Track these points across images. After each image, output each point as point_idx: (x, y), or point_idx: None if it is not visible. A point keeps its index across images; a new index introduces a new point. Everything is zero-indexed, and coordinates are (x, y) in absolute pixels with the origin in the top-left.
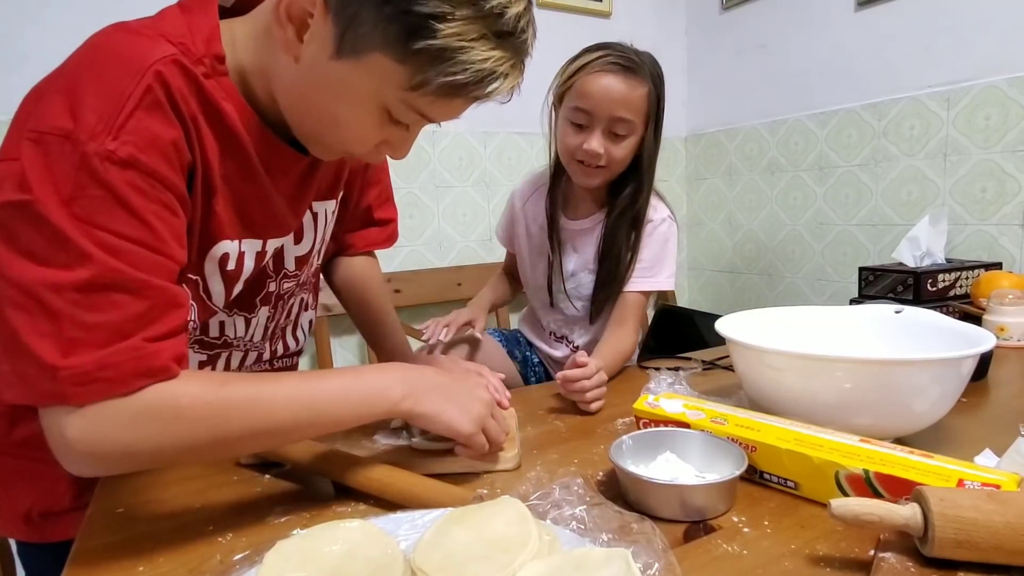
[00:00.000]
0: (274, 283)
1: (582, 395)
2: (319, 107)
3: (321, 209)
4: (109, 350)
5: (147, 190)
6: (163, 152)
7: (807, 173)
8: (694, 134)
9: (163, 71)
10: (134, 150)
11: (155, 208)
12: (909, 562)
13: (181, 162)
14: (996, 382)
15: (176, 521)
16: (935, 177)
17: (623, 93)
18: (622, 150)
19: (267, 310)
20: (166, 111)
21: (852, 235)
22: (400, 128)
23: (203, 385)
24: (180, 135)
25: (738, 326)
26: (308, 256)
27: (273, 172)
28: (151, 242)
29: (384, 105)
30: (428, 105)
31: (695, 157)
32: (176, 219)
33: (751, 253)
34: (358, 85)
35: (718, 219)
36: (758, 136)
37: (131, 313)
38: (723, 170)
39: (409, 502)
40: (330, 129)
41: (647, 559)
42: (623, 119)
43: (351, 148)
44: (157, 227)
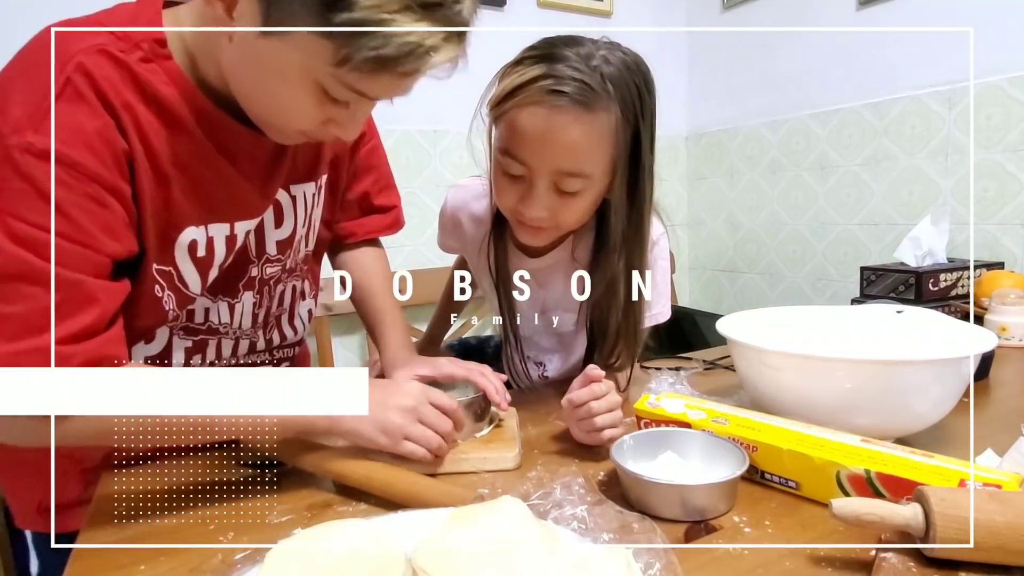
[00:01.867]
0: (256, 268)
1: (591, 421)
2: (258, 86)
3: (300, 192)
4: (19, 345)
5: (70, 182)
6: (87, 143)
7: (808, 172)
8: (695, 133)
9: (85, 61)
10: (58, 144)
11: (79, 200)
12: (910, 562)
13: (112, 152)
14: (998, 382)
15: (177, 520)
16: (936, 177)
17: (571, 139)
18: (575, 210)
19: (252, 295)
20: (90, 101)
21: (853, 235)
22: (341, 106)
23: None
24: (108, 124)
25: (739, 326)
26: (291, 240)
27: (232, 154)
28: (73, 234)
29: (318, 82)
30: (359, 81)
31: (696, 157)
32: (105, 211)
33: (752, 253)
34: (288, 62)
35: (719, 219)
36: (759, 135)
37: (41, 306)
38: (724, 170)
39: (410, 502)
40: (272, 109)
41: (648, 559)
42: (571, 173)
43: (296, 127)
44: (79, 219)
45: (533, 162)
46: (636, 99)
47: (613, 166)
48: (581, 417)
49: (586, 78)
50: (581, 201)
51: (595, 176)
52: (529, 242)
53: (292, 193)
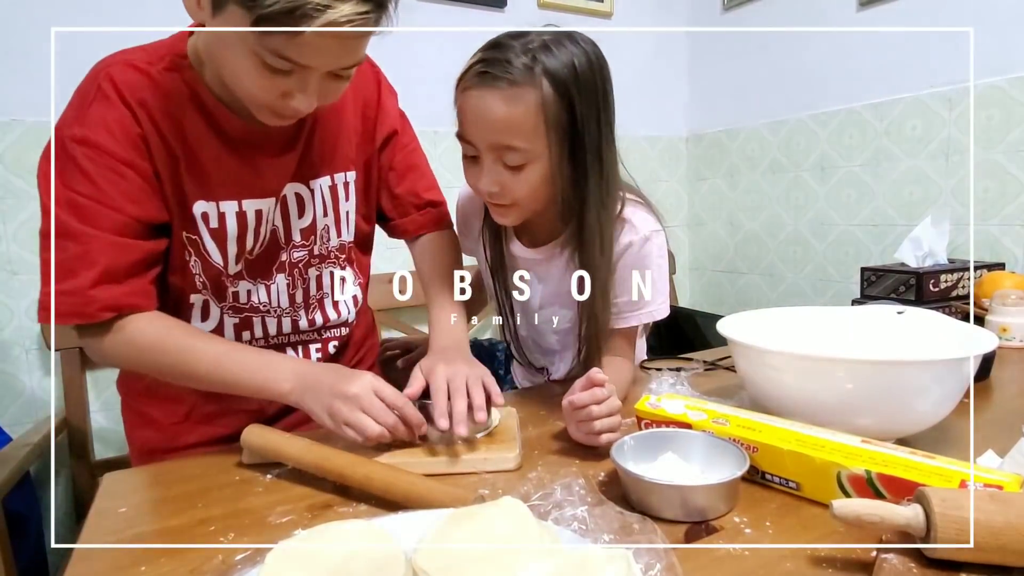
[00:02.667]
0: (286, 253)
1: (589, 424)
2: (220, 64)
3: (316, 185)
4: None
5: (94, 158)
6: (108, 129)
7: (809, 173)
8: (695, 134)
9: (111, 71)
10: (87, 131)
11: (101, 171)
12: (911, 563)
13: (127, 135)
14: (998, 383)
15: (178, 521)
16: (937, 177)
17: (499, 114)
18: (523, 184)
19: (284, 277)
20: (111, 99)
21: (854, 235)
22: (286, 77)
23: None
24: (125, 115)
25: (740, 326)
26: (312, 228)
27: (233, 140)
28: (99, 197)
29: (256, 54)
30: (282, 47)
31: (696, 157)
32: (122, 180)
33: (753, 253)
34: (228, 36)
35: (720, 219)
36: (759, 136)
37: (72, 254)
38: (725, 170)
39: (411, 502)
40: (237, 86)
41: (649, 559)
42: (509, 147)
43: (258, 101)
44: (104, 186)
45: (476, 139)
46: (571, 80)
47: (549, 140)
48: (580, 419)
49: (514, 59)
50: (528, 175)
51: (533, 150)
52: (501, 221)
53: (311, 187)
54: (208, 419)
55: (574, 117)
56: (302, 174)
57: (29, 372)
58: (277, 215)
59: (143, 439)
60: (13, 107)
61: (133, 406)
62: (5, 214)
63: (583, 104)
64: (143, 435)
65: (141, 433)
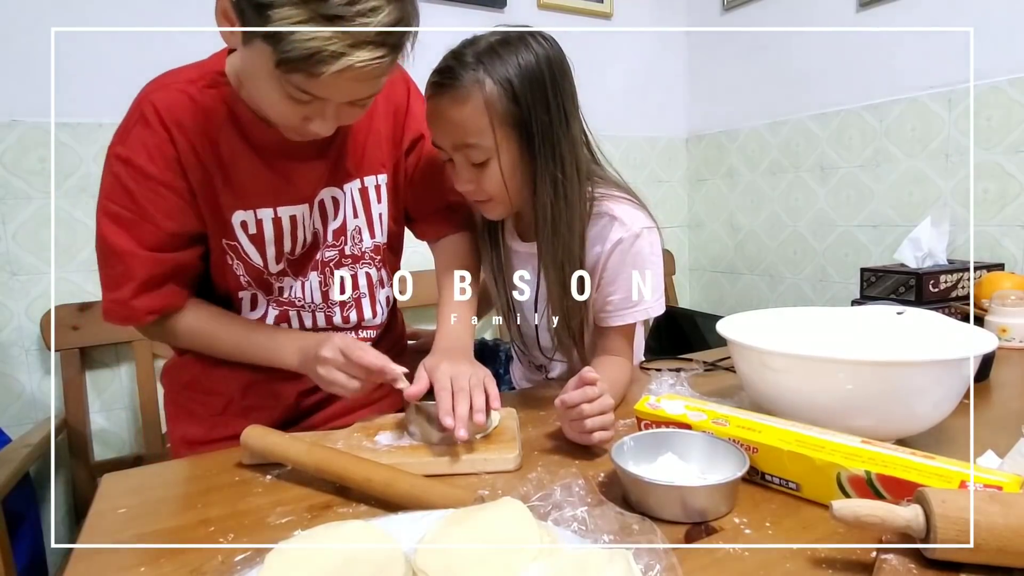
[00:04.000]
0: (320, 252)
1: (580, 423)
2: (249, 90)
3: (348, 189)
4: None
5: (136, 177)
6: (147, 152)
7: (808, 174)
8: (695, 135)
9: (153, 98)
10: (129, 152)
11: (142, 190)
12: (911, 563)
13: (164, 157)
14: (998, 383)
15: (178, 522)
16: (936, 178)
17: (452, 116)
18: (491, 178)
19: (316, 275)
20: (152, 125)
21: (853, 236)
22: (307, 105)
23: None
24: (163, 139)
25: (739, 327)
26: (343, 229)
27: (268, 152)
28: (139, 212)
29: (278, 83)
30: (301, 82)
31: (696, 158)
32: (159, 198)
33: (752, 254)
34: (256, 68)
35: (719, 220)
36: (759, 137)
37: (118, 271)
38: (724, 171)
39: (410, 503)
40: (262, 106)
41: (648, 560)
42: (467, 144)
43: (282, 123)
44: (143, 203)
45: (442, 143)
46: (516, 77)
47: (503, 134)
48: (573, 418)
49: (454, 65)
50: (492, 169)
51: (489, 146)
52: (488, 216)
53: (344, 190)
54: (245, 412)
55: (521, 111)
56: (335, 178)
57: (29, 373)
58: (317, 219)
59: (183, 431)
60: (13, 107)
61: (176, 399)
62: (5, 215)
63: (532, 98)
64: (183, 427)
65: (181, 425)
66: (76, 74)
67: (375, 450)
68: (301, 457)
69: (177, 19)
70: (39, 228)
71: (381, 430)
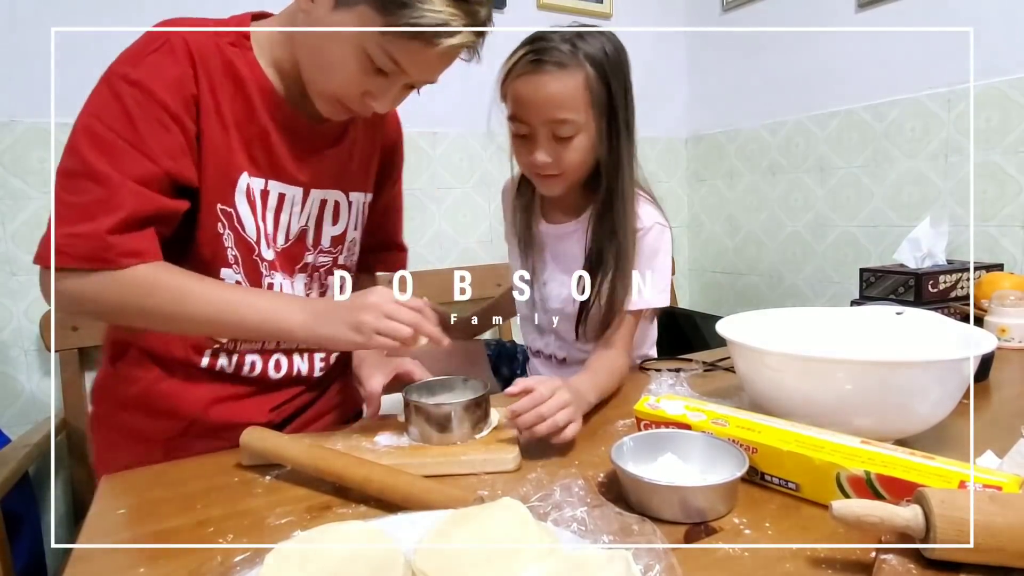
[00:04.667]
0: (312, 255)
1: (540, 420)
2: (316, 52)
3: (355, 199)
4: (75, 228)
5: (143, 104)
6: (164, 81)
7: (808, 174)
8: (695, 135)
9: (187, 36)
10: (142, 75)
11: (147, 119)
12: (910, 564)
13: (182, 92)
14: (997, 384)
15: (177, 522)
16: (936, 178)
17: (552, 92)
18: (573, 153)
19: (304, 278)
20: (177, 55)
21: (853, 236)
22: (380, 78)
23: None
24: (186, 73)
25: (739, 327)
26: (343, 237)
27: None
28: (136, 142)
29: (366, 51)
30: (399, 50)
31: (696, 158)
32: (167, 133)
33: (752, 254)
34: (347, 31)
35: (719, 220)
36: (759, 137)
37: (95, 197)
38: (724, 171)
39: (410, 503)
40: (322, 72)
41: (648, 560)
42: (563, 120)
43: (340, 91)
44: (144, 133)
45: (531, 118)
46: (605, 63)
47: (596, 112)
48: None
49: (558, 47)
50: (576, 144)
51: (579, 122)
52: (546, 192)
53: (350, 199)
54: (213, 432)
55: (610, 94)
56: (339, 182)
57: (28, 373)
58: (308, 216)
59: (125, 460)
60: (13, 107)
61: (112, 421)
62: (4, 215)
63: (616, 83)
64: (125, 456)
65: (122, 454)
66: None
67: (375, 451)
68: (300, 458)
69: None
70: (38, 228)
71: (381, 431)
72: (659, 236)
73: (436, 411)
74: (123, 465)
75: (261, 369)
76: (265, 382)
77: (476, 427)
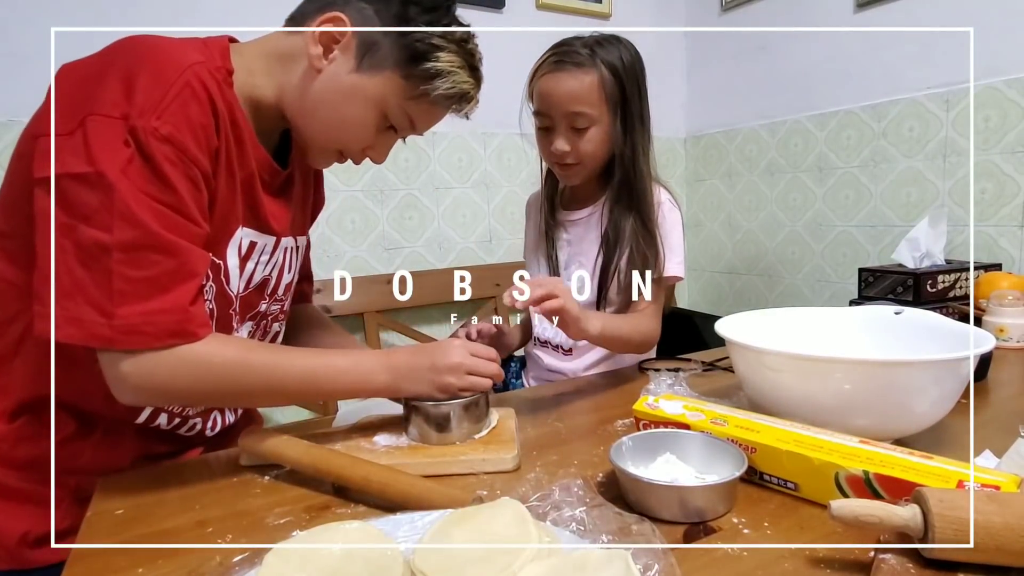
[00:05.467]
0: (265, 304)
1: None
2: (331, 109)
3: (301, 243)
4: (151, 304)
5: (178, 163)
6: (194, 133)
7: (806, 174)
8: (693, 135)
9: (200, 72)
10: (172, 129)
11: (183, 180)
12: (909, 563)
13: (208, 145)
14: (996, 383)
15: (175, 523)
16: (934, 178)
17: (570, 88)
18: (588, 143)
19: (250, 325)
20: (202, 101)
21: (852, 236)
22: (389, 134)
23: (234, 349)
24: (211, 122)
25: (738, 327)
26: (291, 285)
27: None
28: (179, 207)
29: (384, 111)
30: (419, 112)
31: (694, 158)
32: (199, 193)
33: (751, 254)
34: (370, 93)
35: (718, 220)
36: (757, 137)
37: (166, 269)
38: (722, 171)
39: (408, 503)
40: (335, 128)
41: (647, 560)
42: (578, 113)
43: (347, 146)
44: (184, 196)
45: (551, 111)
46: (619, 66)
47: (605, 107)
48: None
49: (577, 51)
50: (591, 135)
51: (594, 116)
52: (567, 181)
53: (297, 243)
54: None
55: (623, 93)
56: (293, 228)
57: None
58: (273, 266)
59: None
60: (12, 107)
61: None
62: None
63: (629, 84)
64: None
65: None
66: None
67: (373, 451)
68: (299, 458)
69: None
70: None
71: (379, 431)
72: (671, 211)
73: (435, 411)
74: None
75: (200, 428)
76: (198, 439)
77: (475, 427)
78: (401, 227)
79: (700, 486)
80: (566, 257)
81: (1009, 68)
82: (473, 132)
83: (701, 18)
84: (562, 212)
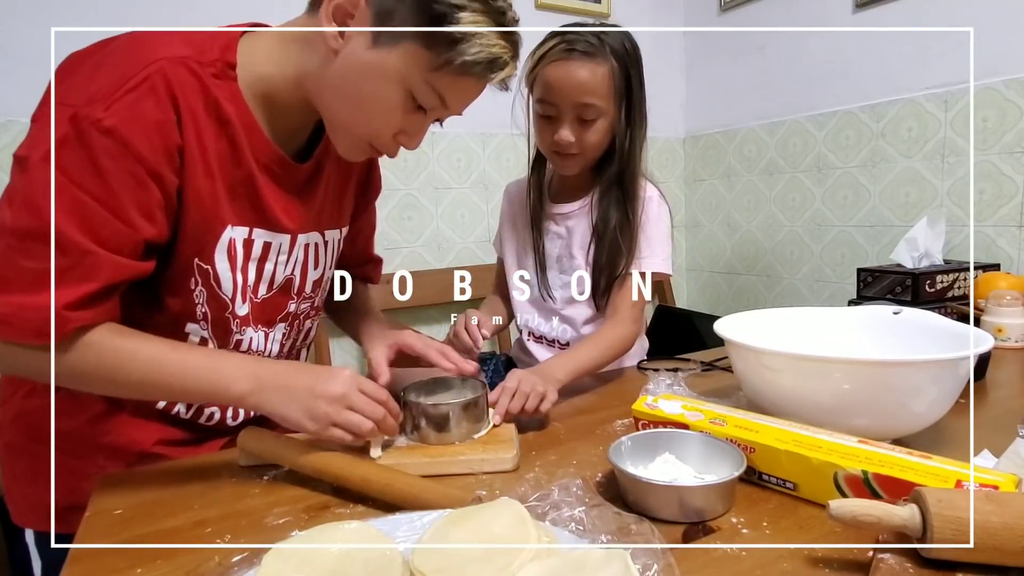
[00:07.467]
0: (294, 304)
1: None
2: (353, 91)
3: (331, 237)
4: (26, 298)
5: (117, 157)
6: (145, 130)
7: (805, 174)
8: (692, 135)
9: (166, 68)
10: (117, 122)
11: (123, 175)
12: (907, 563)
13: (165, 143)
14: (994, 383)
15: (174, 523)
16: (933, 178)
17: (583, 78)
18: (594, 135)
19: (284, 327)
20: (159, 97)
21: (850, 236)
22: (419, 115)
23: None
24: (169, 119)
25: (736, 327)
26: (321, 280)
27: (263, 167)
28: (109, 202)
29: (409, 89)
30: (447, 86)
31: (694, 158)
32: (144, 192)
33: (749, 254)
34: (391, 69)
35: (716, 220)
36: (756, 137)
37: (57, 266)
38: (721, 171)
39: (408, 503)
40: (360, 113)
41: (646, 560)
42: (588, 104)
43: (376, 131)
44: (118, 192)
45: (559, 101)
46: (626, 56)
47: (616, 101)
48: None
49: (587, 39)
50: (598, 126)
51: (602, 107)
52: (564, 171)
53: (326, 238)
54: None
55: (629, 85)
56: (318, 223)
57: None
58: (293, 264)
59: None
60: (12, 107)
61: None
62: None
63: (634, 76)
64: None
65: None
66: None
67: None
68: (298, 458)
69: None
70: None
71: None
72: (659, 207)
73: (434, 411)
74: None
75: (219, 418)
76: (221, 428)
77: (474, 427)
78: (400, 227)
79: (699, 486)
80: (557, 251)
81: (1008, 68)
82: (472, 132)
83: (700, 18)
84: (551, 204)
